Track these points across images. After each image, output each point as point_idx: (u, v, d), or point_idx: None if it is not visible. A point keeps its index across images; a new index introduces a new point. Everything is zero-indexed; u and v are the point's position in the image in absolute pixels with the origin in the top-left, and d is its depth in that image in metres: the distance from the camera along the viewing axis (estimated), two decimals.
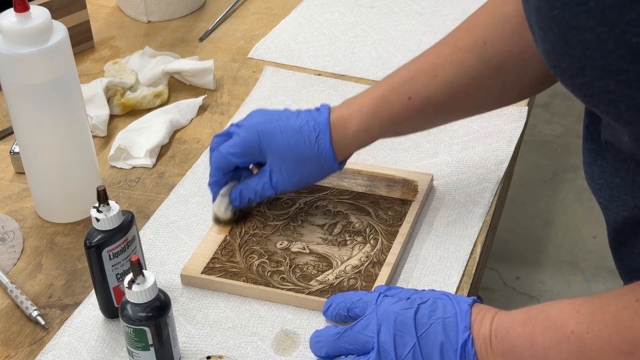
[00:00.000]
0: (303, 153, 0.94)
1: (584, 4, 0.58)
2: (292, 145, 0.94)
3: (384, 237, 0.96)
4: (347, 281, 0.91)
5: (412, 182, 1.03)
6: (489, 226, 1.01)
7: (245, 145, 0.95)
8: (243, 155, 0.96)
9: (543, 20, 0.62)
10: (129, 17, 1.45)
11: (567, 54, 0.61)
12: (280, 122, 0.95)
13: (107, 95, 1.21)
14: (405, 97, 0.93)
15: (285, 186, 0.96)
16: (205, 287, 0.93)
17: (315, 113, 0.95)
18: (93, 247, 0.84)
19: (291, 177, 0.96)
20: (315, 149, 0.94)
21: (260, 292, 0.91)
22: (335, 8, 1.43)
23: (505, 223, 2.24)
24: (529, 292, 2.16)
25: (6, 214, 1.05)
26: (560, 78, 0.64)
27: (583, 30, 0.58)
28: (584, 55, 0.59)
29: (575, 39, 0.59)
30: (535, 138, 2.59)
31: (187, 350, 0.87)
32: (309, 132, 0.94)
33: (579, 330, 0.71)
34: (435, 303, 0.80)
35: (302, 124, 0.94)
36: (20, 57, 0.92)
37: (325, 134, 0.94)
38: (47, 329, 0.90)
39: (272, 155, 0.95)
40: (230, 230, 0.98)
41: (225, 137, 0.98)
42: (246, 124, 0.97)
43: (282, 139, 0.94)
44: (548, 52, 0.63)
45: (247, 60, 1.32)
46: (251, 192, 0.97)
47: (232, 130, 0.98)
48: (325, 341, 0.82)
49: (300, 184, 0.97)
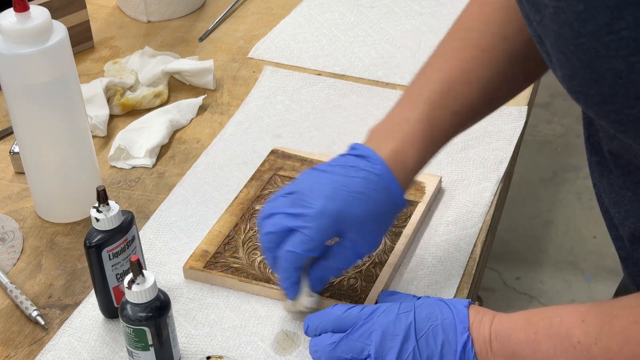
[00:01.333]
0: (381, 212, 0.85)
1: (616, 33, 0.56)
2: (369, 212, 0.83)
3: (387, 238, 0.96)
4: (347, 280, 0.91)
5: (419, 182, 1.03)
6: (489, 226, 1.01)
7: (325, 235, 0.83)
8: (321, 246, 0.83)
9: (566, 46, 0.60)
10: (129, 17, 1.45)
11: (594, 82, 0.59)
12: (343, 191, 0.83)
13: (107, 95, 1.21)
14: (449, 112, 0.87)
15: (368, 251, 0.86)
16: (207, 281, 0.93)
17: (366, 163, 0.84)
18: (93, 247, 0.84)
19: (375, 239, 0.86)
20: (389, 202, 0.85)
21: (261, 289, 0.91)
22: (335, 8, 1.43)
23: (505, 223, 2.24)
24: (529, 292, 2.16)
25: (6, 214, 1.05)
26: (585, 104, 0.62)
27: (614, 58, 0.57)
28: (615, 84, 0.58)
29: (604, 67, 0.58)
30: (535, 138, 2.59)
31: (187, 350, 0.87)
32: (378, 190, 0.84)
33: (586, 342, 0.70)
34: (431, 306, 0.79)
35: (365, 185, 0.83)
36: (20, 57, 0.92)
37: (392, 182, 0.84)
38: (47, 329, 0.90)
39: (351, 231, 0.83)
40: (235, 226, 0.98)
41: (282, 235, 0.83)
42: (311, 212, 0.82)
43: (357, 212, 0.83)
44: (570, 78, 0.61)
45: (247, 60, 1.32)
46: (334, 272, 0.86)
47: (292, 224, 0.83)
48: (322, 351, 0.80)
49: (377, 242, 0.87)
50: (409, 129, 0.85)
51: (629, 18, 0.55)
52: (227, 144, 1.14)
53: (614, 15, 0.56)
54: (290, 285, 0.85)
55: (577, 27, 0.58)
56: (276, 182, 1.04)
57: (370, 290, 0.90)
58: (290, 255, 0.83)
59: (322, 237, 0.82)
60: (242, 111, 1.20)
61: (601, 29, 0.57)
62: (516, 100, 1.19)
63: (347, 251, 0.84)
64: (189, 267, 0.93)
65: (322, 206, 0.82)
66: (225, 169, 1.10)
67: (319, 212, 0.82)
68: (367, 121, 1.17)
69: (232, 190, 1.06)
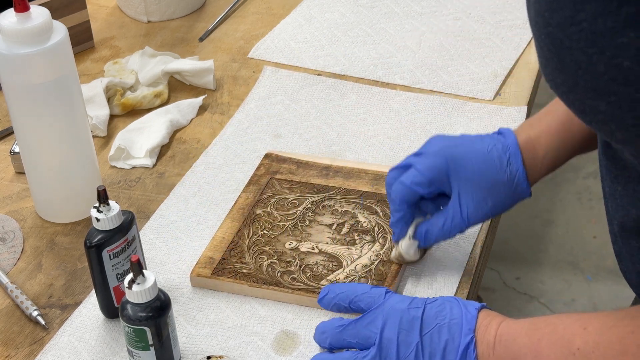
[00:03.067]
0: (495, 178, 0.86)
1: (577, 25, 0.58)
2: (484, 170, 0.86)
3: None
4: (358, 280, 0.91)
5: None
6: (489, 226, 1.01)
7: (433, 172, 0.87)
8: (430, 184, 0.87)
9: (539, 35, 0.62)
10: (129, 17, 1.45)
11: (561, 71, 0.61)
12: (466, 146, 0.88)
13: (107, 95, 1.21)
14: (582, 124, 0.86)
15: (477, 218, 0.88)
16: (215, 288, 0.93)
17: (499, 136, 0.89)
18: (93, 247, 0.84)
19: (482, 206, 0.87)
20: (507, 173, 0.87)
21: (271, 293, 0.91)
22: (335, 8, 1.43)
23: (505, 223, 2.24)
24: (529, 292, 2.16)
25: (6, 214, 1.05)
26: (556, 92, 0.64)
27: (575, 50, 0.59)
28: (576, 74, 0.60)
29: (568, 57, 0.59)
30: None
31: (187, 350, 0.87)
32: (499, 155, 0.87)
33: (585, 349, 0.70)
34: (442, 304, 0.79)
35: (490, 148, 0.88)
36: (20, 57, 0.92)
37: (517, 157, 0.87)
38: (47, 329, 0.90)
39: (461, 182, 0.87)
40: (239, 231, 0.98)
41: (403, 170, 0.90)
42: (429, 150, 0.89)
43: (471, 164, 0.86)
44: (544, 66, 0.63)
45: (247, 60, 1.32)
46: (438, 231, 0.89)
47: (411, 161, 0.89)
48: (329, 332, 0.82)
49: (490, 215, 0.89)
50: (548, 121, 0.89)
51: (588, 11, 0.57)
52: (227, 144, 1.14)
53: (576, 7, 0.57)
54: (396, 221, 0.89)
55: (547, 17, 0.60)
56: (274, 186, 1.04)
57: None
58: (399, 187, 0.88)
59: (431, 174, 0.87)
60: (242, 111, 1.20)
61: (565, 20, 0.59)
62: (516, 100, 1.19)
63: (453, 209, 0.87)
64: (196, 274, 0.93)
65: (439, 148, 0.88)
66: (225, 169, 1.10)
67: (434, 152, 0.88)
68: (367, 121, 1.17)
69: (232, 190, 1.06)
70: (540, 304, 2.13)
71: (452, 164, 0.87)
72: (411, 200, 0.88)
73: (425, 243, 0.90)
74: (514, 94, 1.21)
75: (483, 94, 1.21)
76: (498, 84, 1.22)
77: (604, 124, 0.61)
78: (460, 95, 1.21)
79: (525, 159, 0.88)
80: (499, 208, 0.88)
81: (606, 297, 2.12)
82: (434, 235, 0.89)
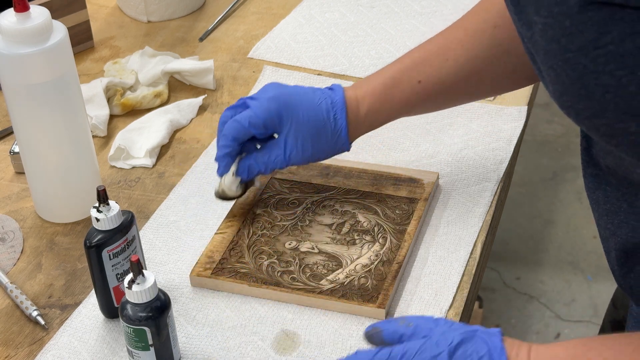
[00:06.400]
0: (320, 128, 0.95)
1: (603, 48, 0.56)
2: (312, 119, 0.94)
3: (392, 236, 0.96)
4: (357, 280, 0.91)
5: (418, 180, 1.03)
6: (489, 226, 1.01)
7: (268, 114, 0.94)
8: (264, 126, 0.94)
9: (555, 62, 0.60)
10: (129, 17, 1.45)
11: (584, 97, 0.59)
12: (300, 96, 0.95)
13: (107, 95, 1.21)
14: (415, 80, 0.94)
15: (297, 159, 0.96)
16: (215, 288, 0.93)
17: (330, 92, 0.96)
18: (93, 247, 0.84)
19: (305, 150, 0.95)
20: (332, 125, 0.95)
21: (271, 293, 0.91)
22: (335, 8, 1.43)
23: (505, 223, 2.24)
24: (529, 292, 2.16)
25: (6, 214, 1.05)
26: (575, 118, 0.62)
27: (602, 73, 0.57)
28: (603, 99, 0.58)
29: (592, 82, 0.58)
30: (535, 138, 2.59)
31: (187, 350, 0.87)
32: (327, 109, 0.95)
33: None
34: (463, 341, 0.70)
35: (320, 101, 0.95)
36: (20, 57, 0.92)
37: (342, 112, 0.95)
38: (47, 329, 0.90)
39: (289, 127, 0.94)
40: (238, 231, 0.98)
41: (240, 109, 0.96)
42: (265, 95, 0.95)
43: (303, 112, 0.94)
44: (560, 93, 0.61)
45: (247, 60, 1.32)
46: (261, 165, 0.96)
47: (248, 102, 0.96)
48: None
49: (310, 160, 0.97)
50: (374, 83, 0.96)
51: (614, 33, 0.55)
52: None
53: (600, 30, 0.56)
54: (222, 156, 0.96)
55: (565, 43, 0.58)
56: (274, 186, 1.04)
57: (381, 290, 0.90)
58: (234, 125, 0.94)
59: (265, 115, 0.94)
60: None
61: (588, 45, 0.57)
62: (516, 100, 1.19)
63: (276, 147, 0.95)
64: (195, 274, 0.93)
65: (276, 95, 0.95)
66: None
67: (271, 97, 0.95)
68: None
69: None
70: (540, 304, 2.13)
71: (284, 110, 0.94)
72: (242, 138, 0.95)
73: (248, 176, 0.97)
74: (514, 94, 1.21)
75: None
76: None
77: (634, 145, 0.60)
78: None
79: (349, 115, 0.95)
80: (319, 155, 0.97)
81: (606, 297, 2.12)
82: (256, 170, 0.96)
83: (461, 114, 1.17)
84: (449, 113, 1.17)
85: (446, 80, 0.93)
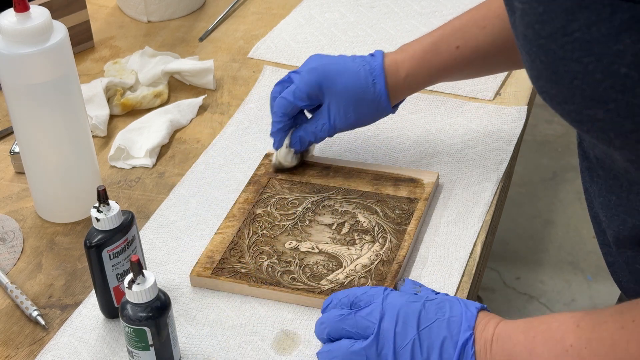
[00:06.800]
0: (361, 94, 0.99)
1: (570, 35, 0.57)
2: (351, 87, 0.99)
3: (392, 236, 0.96)
4: (357, 280, 0.91)
5: (418, 180, 1.03)
6: (489, 226, 1.01)
7: (310, 86, 0.99)
8: (308, 98, 1.00)
9: (530, 47, 0.61)
10: (129, 17, 1.45)
11: (555, 82, 0.61)
12: (339, 65, 1.00)
13: (107, 95, 1.21)
14: (454, 46, 0.98)
15: (343, 126, 1.01)
16: (215, 288, 0.93)
17: (370, 58, 1.00)
18: (93, 247, 0.84)
19: (348, 117, 1.00)
20: (372, 91, 0.99)
21: (271, 293, 0.91)
22: (335, 8, 1.43)
23: (505, 223, 2.24)
24: (529, 292, 2.16)
25: (6, 214, 1.05)
26: (550, 104, 0.64)
27: (570, 60, 0.58)
28: (572, 85, 0.59)
29: (562, 68, 0.59)
30: (535, 138, 2.59)
31: (187, 350, 0.87)
32: (366, 75, 0.99)
33: (578, 345, 0.71)
34: (442, 302, 0.80)
35: (359, 68, 0.99)
36: (20, 57, 0.92)
37: (381, 77, 0.99)
38: (47, 329, 0.90)
39: (331, 96, 0.99)
40: (238, 231, 0.98)
41: (287, 84, 1.02)
42: (306, 67, 1.01)
43: (342, 80, 0.99)
44: (536, 78, 0.63)
45: (247, 60, 1.32)
46: (310, 135, 1.02)
47: (292, 76, 1.01)
48: (328, 322, 0.82)
49: (355, 125, 1.02)
50: (415, 47, 1.00)
51: (581, 20, 0.56)
52: (227, 144, 1.14)
53: (568, 17, 0.57)
54: (276, 131, 1.03)
55: (538, 29, 0.60)
56: (274, 186, 1.04)
57: None
58: (282, 102, 1.01)
59: (307, 88, 0.99)
60: (242, 111, 1.20)
61: (557, 31, 0.58)
62: (516, 100, 1.19)
63: (322, 117, 1.01)
64: (195, 274, 0.93)
65: (315, 66, 1.00)
66: (225, 168, 1.10)
67: (311, 68, 1.00)
68: None
69: (232, 190, 1.06)
70: (540, 304, 2.13)
71: (324, 80, 0.99)
72: (291, 112, 1.01)
73: (300, 147, 1.03)
74: (514, 94, 1.21)
75: (483, 94, 1.21)
76: (498, 83, 1.22)
77: (602, 131, 0.61)
78: (460, 95, 1.21)
79: (389, 80, 0.99)
80: (364, 120, 1.02)
81: (606, 297, 2.12)
82: (307, 140, 1.02)
83: (461, 114, 1.17)
84: (449, 113, 1.17)
85: (483, 47, 0.98)
